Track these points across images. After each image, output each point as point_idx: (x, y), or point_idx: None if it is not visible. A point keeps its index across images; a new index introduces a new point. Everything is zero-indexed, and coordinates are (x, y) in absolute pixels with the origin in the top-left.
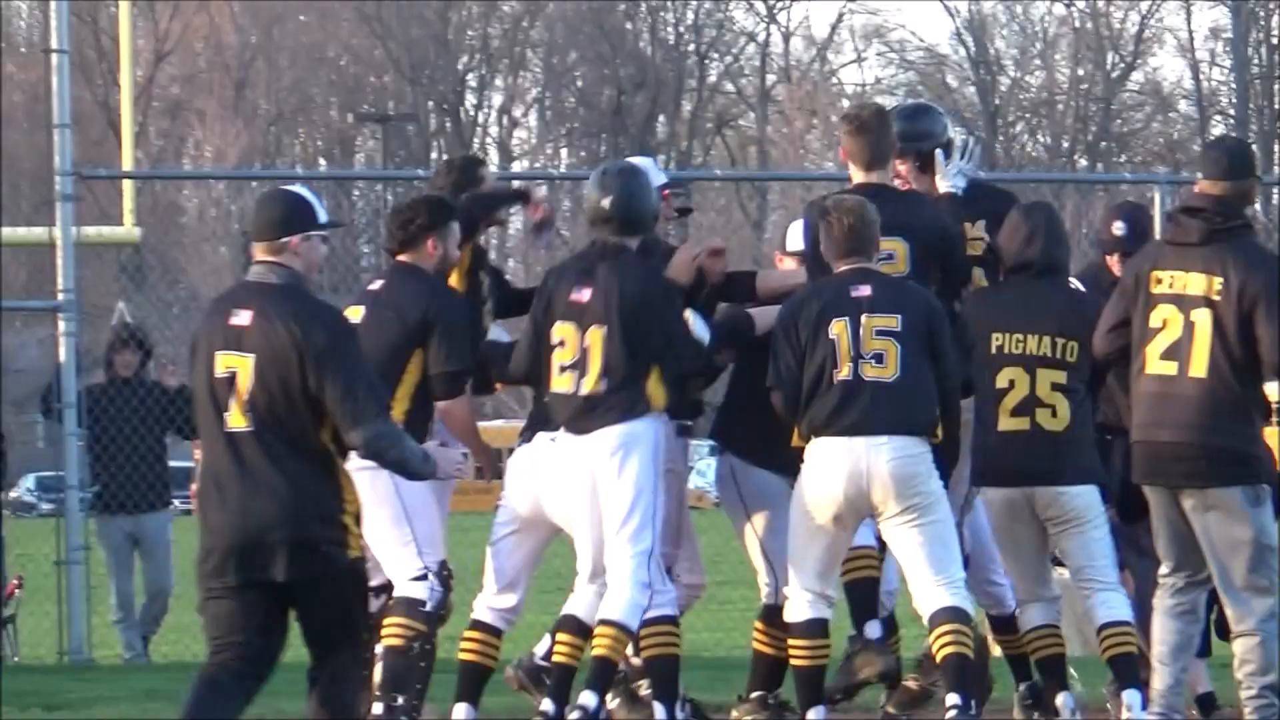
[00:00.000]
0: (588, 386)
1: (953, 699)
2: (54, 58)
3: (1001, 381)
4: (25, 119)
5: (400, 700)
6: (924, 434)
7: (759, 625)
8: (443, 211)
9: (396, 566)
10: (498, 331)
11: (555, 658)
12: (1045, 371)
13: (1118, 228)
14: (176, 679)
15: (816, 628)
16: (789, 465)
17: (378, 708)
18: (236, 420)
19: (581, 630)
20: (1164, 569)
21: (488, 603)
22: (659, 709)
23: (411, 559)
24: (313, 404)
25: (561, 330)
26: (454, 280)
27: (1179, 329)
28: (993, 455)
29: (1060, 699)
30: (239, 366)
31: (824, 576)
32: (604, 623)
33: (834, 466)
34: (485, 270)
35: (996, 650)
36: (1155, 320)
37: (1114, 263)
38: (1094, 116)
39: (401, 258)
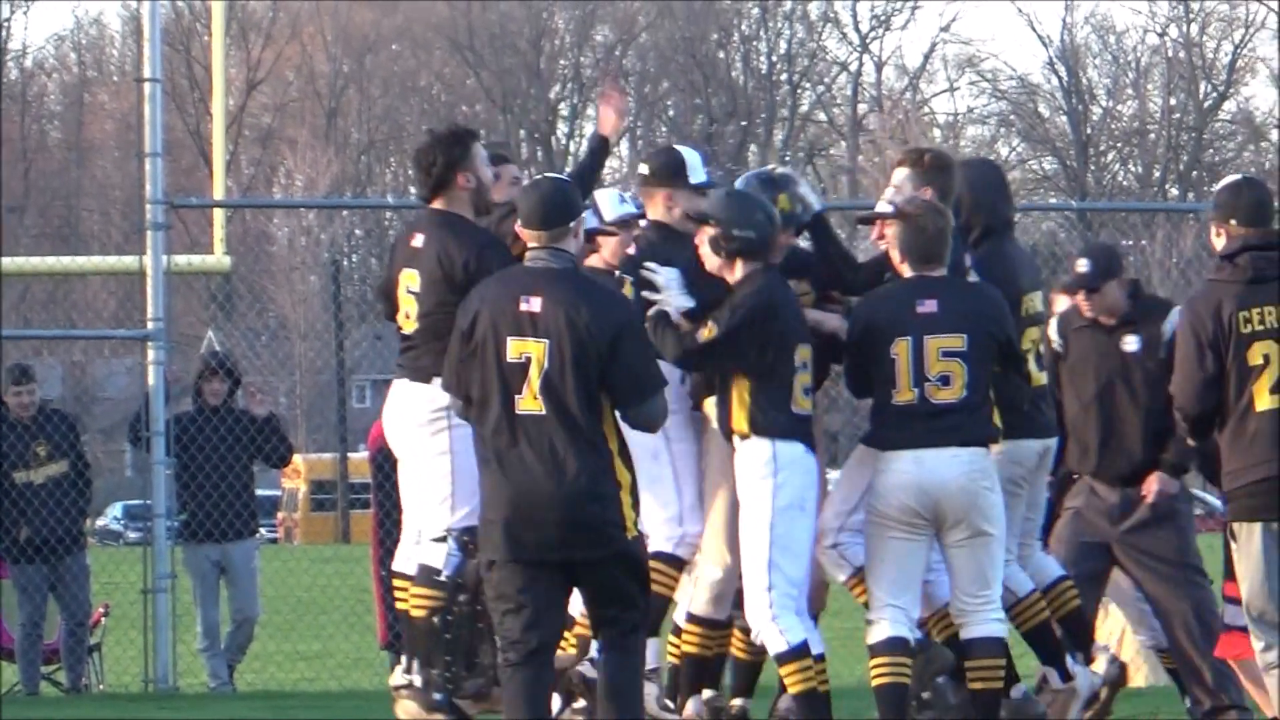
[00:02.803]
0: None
1: None
2: (146, 87)
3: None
4: (117, 147)
5: (434, 674)
6: (988, 446)
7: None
8: (459, 141)
9: (428, 525)
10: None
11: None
12: None
13: (1082, 264)
14: (261, 708)
15: (897, 645)
16: None
17: (415, 680)
18: (528, 404)
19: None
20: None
21: None
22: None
23: (441, 517)
24: (601, 384)
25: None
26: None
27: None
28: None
29: None
30: (533, 351)
31: (902, 592)
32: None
33: (905, 479)
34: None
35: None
36: (1255, 358)
37: (1080, 300)
38: (1186, 146)
39: (436, 204)
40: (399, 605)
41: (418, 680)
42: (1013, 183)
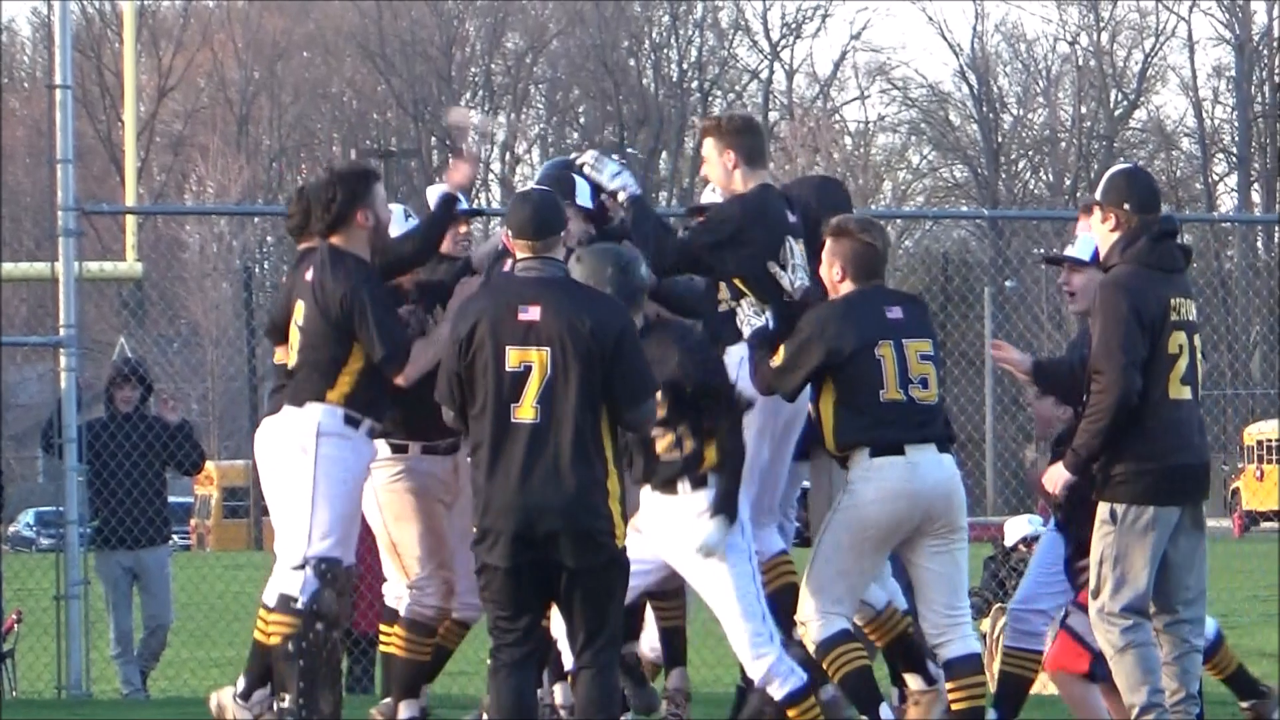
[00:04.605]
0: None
1: None
2: (57, 93)
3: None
4: (28, 154)
5: (286, 701)
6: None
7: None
8: (361, 180)
9: (286, 552)
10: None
11: None
12: None
13: None
14: (174, 714)
15: (847, 635)
16: None
17: (274, 705)
18: (525, 412)
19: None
20: (1156, 607)
21: None
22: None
23: (298, 545)
24: (601, 392)
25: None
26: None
27: (1188, 354)
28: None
29: None
30: (534, 359)
31: (854, 599)
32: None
33: (901, 487)
34: None
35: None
36: (1173, 347)
37: None
38: (1097, 154)
39: (333, 239)
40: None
41: (275, 706)
42: (924, 191)
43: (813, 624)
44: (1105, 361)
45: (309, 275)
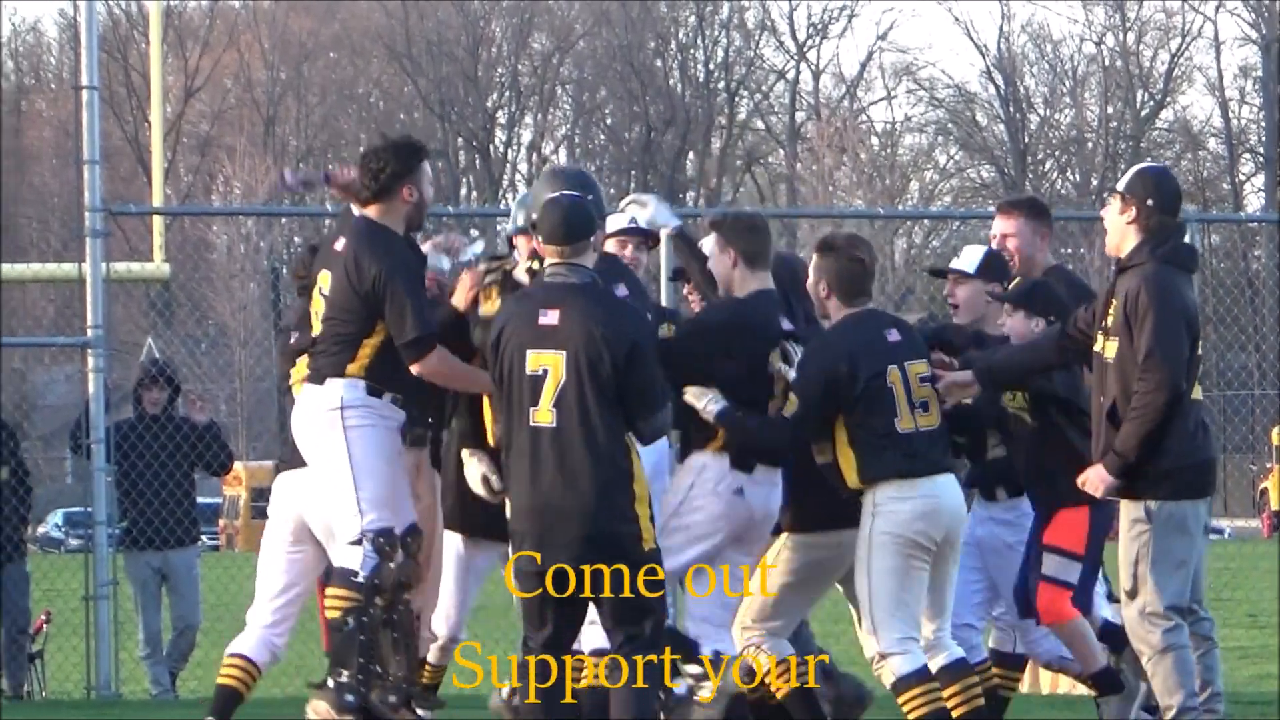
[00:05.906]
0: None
1: None
2: (84, 94)
3: None
4: (55, 155)
5: (344, 676)
6: None
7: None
8: (414, 154)
9: (340, 529)
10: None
11: None
12: None
13: None
14: (203, 714)
15: (926, 674)
16: None
17: (330, 681)
18: (543, 416)
19: None
20: (1188, 603)
21: None
22: None
23: (351, 521)
24: (618, 397)
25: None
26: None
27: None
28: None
29: None
30: (551, 364)
31: (918, 622)
32: None
33: (930, 503)
34: None
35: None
36: (1198, 348)
37: None
38: (1123, 155)
39: (369, 211)
40: (221, 680)
41: (331, 681)
42: (950, 191)
43: (894, 658)
44: (1157, 361)
45: (339, 245)
